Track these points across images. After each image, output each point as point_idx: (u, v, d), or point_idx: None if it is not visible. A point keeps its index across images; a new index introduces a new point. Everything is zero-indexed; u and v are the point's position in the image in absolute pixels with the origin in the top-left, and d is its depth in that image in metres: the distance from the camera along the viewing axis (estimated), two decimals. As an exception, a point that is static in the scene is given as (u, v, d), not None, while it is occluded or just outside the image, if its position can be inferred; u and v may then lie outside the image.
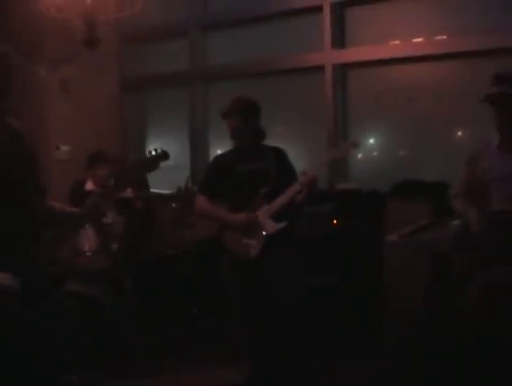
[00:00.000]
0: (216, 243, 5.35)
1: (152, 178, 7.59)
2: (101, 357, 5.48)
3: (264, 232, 4.81)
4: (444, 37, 6.50)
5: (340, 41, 7.12)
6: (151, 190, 7.60)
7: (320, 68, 7.16)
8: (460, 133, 6.69)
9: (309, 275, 5.22)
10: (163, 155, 3.59)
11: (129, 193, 6.50)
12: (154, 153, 3.54)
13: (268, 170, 4.92)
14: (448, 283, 5.07)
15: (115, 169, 6.87)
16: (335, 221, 6.12)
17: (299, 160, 5.29)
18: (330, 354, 5.60)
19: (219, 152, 6.88)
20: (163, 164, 3.70)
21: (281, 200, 4.83)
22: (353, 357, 5.64)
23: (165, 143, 8.75)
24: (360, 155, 7.02)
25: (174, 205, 6.73)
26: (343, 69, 7.16)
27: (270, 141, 5.17)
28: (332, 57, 7.09)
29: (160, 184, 7.87)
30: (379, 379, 5.30)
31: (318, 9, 7.12)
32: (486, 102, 4.37)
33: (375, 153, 7.11)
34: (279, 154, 5.09)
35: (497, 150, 4.38)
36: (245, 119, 4.95)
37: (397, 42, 6.79)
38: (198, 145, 8.33)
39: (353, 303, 5.83)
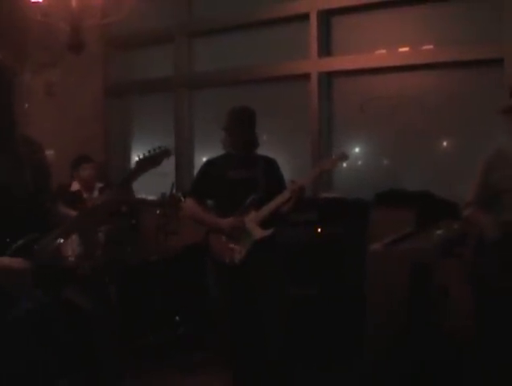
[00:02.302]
0: (199, 250, 5.34)
1: (136, 184, 7.57)
2: (82, 363, 5.44)
3: (250, 238, 4.82)
4: (431, 47, 6.51)
5: (326, 49, 7.12)
6: (136, 195, 7.58)
7: (305, 76, 7.16)
8: (445, 143, 6.70)
9: (292, 283, 5.21)
10: (166, 152, 3.66)
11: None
12: (157, 150, 3.59)
13: (258, 179, 4.95)
14: (428, 292, 5.08)
15: (98, 169, 6.92)
16: (318, 230, 6.11)
17: (283, 168, 5.28)
18: (311, 363, 5.60)
19: (204, 159, 6.86)
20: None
21: (269, 207, 4.86)
22: (334, 366, 5.63)
23: (149, 149, 8.74)
24: (344, 164, 7.01)
25: (158, 211, 6.70)
26: (329, 77, 7.16)
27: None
28: (318, 65, 7.08)
29: (144, 190, 7.85)
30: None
31: (305, 17, 7.12)
32: (508, 112, 4.29)
33: (360, 162, 7.10)
34: (270, 164, 5.14)
35: None
36: (247, 130, 4.98)
37: (383, 51, 6.79)
38: (183, 152, 8.31)
39: (335, 312, 5.82)
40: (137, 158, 3.54)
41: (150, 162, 3.57)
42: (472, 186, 4.52)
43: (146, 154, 3.56)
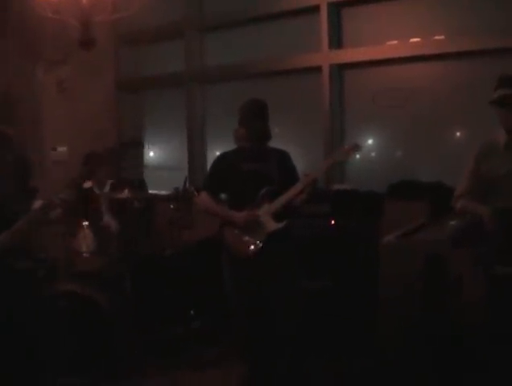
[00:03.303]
0: (213, 243, 5.35)
1: (150, 178, 7.61)
2: (97, 357, 5.47)
3: (264, 231, 4.84)
4: (442, 37, 6.49)
5: (337, 41, 7.12)
6: (149, 190, 7.61)
7: (317, 69, 7.16)
8: (457, 134, 6.68)
9: (305, 275, 5.21)
10: (137, 144, 3.61)
11: (126, 194, 6.51)
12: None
13: (271, 171, 4.95)
14: (443, 283, 5.08)
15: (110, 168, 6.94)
16: (331, 222, 6.11)
17: (296, 161, 5.27)
18: (324, 354, 5.61)
19: (217, 153, 6.87)
20: (159, 165, 3.74)
21: (282, 200, 4.86)
22: (347, 357, 5.64)
23: (162, 144, 8.77)
24: (357, 156, 7.01)
25: (171, 206, 6.72)
26: (340, 69, 7.15)
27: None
28: (329, 57, 7.08)
29: (158, 185, 7.88)
30: (372, 379, 5.31)
31: (315, 9, 7.12)
32: (494, 104, 4.44)
33: (372, 154, 7.10)
34: (283, 156, 5.13)
35: (505, 149, 4.46)
36: (260, 121, 4.98)
37: (394, 42, 6.78)
38: (195, 146, 8.33)
39: (348, 304, 5.82)
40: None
41: (119, 152, 3.53)
42: (462, 179, 4.64)
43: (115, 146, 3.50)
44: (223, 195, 5.24)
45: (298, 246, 5.06)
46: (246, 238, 4.87)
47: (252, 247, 4.85)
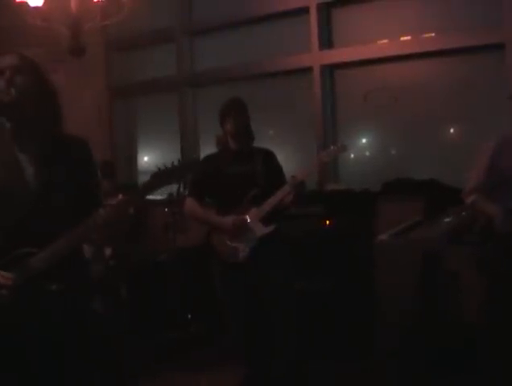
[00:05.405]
0: (208, 247, 5.34)
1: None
2: (95, 364, 5.45)
3: (253, 235, 4.80)
4: (432, 34, 6.49)
5: (327, 42, 7.12)
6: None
7: (308, 70, 7.16)
8: (450, 131, 6.69)
9: (300, 277, 5.19)
10: (191, 163, 3.38)
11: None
12: (175, 164, 3.16)
13: (256, 173, 4.90)
14: (439, 281, 5.08)
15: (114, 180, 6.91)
16: (326, 222, 6.10)
17: (288, 162, 5.27)
18: (322, 355, 5.60)
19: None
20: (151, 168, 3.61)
21: (270, 203, 4.81)
22: (344, 358, 5.63)
23: (155, 149, 8.76)
24: (351, 155, 7.01)
25: (166, 210, 6.70)
26: (331, 70, 7.16)
27: (260, 144, 5.15)
28: (319, 58, 7.08)
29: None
30: (371, 379, 5.30)
31: (305, 10, 7.12)
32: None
33: (365, 153, 7.10)
34: (268, 156, 5.07)
35: None
36: (244, 116, 4.94)
37: (385, 41, 6.78)
38: (188, 150, 8.31)
39: (344, 304, 5.80)
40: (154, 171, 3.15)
41: (167, 176, 3.15)
42: (475, 173, 4.47)
43: (163, 168, 3.15)
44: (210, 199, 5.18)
45: (292, 247, 5.04)
46: (236, 243, 4.83)
47: (242, 252, 4.81)
